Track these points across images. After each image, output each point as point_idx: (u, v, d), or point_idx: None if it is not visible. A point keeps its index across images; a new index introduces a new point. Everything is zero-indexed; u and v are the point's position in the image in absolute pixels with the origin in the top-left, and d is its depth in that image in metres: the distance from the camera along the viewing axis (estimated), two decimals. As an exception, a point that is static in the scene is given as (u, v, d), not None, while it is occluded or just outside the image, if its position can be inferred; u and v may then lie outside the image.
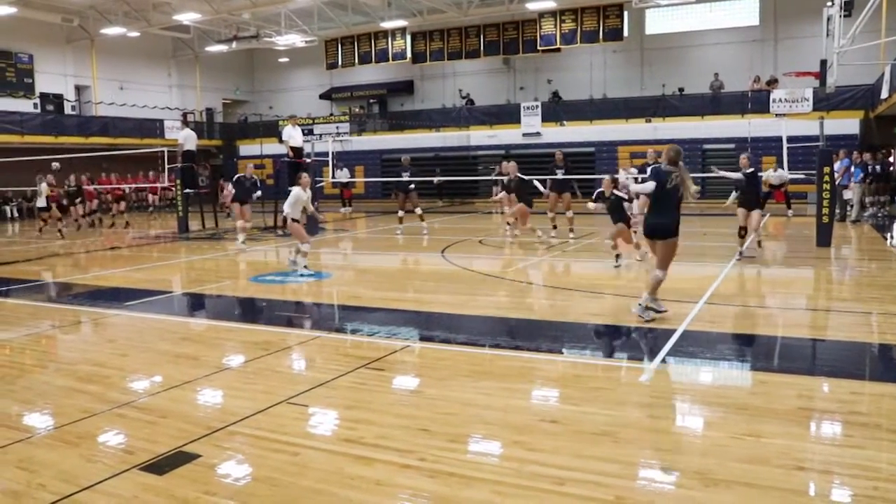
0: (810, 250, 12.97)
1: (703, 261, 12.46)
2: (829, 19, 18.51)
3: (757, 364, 6.24)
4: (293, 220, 11.45)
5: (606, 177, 11.86)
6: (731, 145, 26.21)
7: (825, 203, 13.20)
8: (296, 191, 11.67)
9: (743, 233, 11.75)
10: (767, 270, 11.33)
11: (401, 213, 17.78)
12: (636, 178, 19.00)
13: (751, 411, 4.80)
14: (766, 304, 8.84)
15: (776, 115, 24.01)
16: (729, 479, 3.77)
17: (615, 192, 11.34)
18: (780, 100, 24.99)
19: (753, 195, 11.95)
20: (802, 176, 18.96)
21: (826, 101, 24.07)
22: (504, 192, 15.90)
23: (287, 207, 11.58)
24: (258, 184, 16.56)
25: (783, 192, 19.92)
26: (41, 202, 19.63)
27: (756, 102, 26.21)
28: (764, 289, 9.94)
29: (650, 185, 7.44)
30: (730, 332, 7.16)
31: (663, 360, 6.10)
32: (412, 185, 17.57)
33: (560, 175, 15.33)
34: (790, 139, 17.78)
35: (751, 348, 6.72)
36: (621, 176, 19.88)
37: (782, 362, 6.36)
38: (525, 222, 14.50)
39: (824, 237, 13.16)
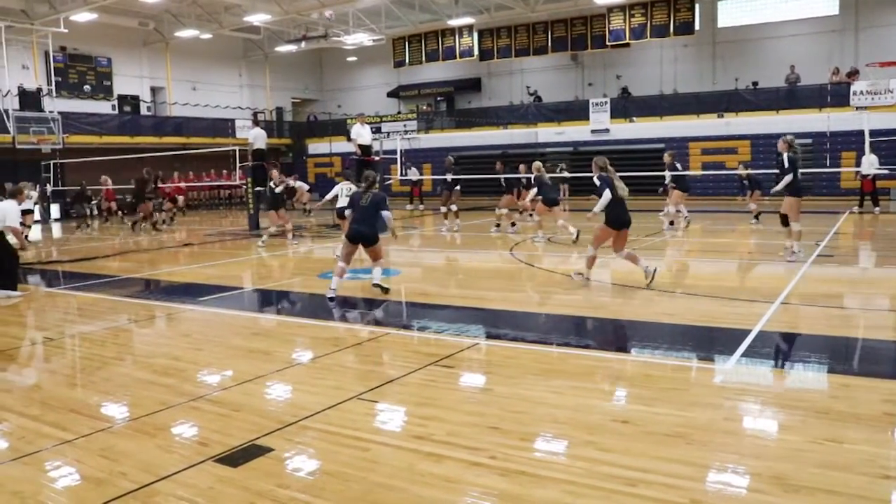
0: (893, 248, 12.47)
1: (779, 259, 12.11)
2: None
3: (838, 367, 6.02)
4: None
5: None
6: (808, 140, 25.40)
7: (909, 199, 12.68)
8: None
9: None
10: (848, 270, 10.95)
11: (443, 209, 18.80)
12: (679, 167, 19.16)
13: (832, 416, 4.62)
14: (847, 305, 8.52)
15: (857, 108, 23.14)
16: (810, 485, 3.64)
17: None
18: (862, 92, 24.06)
19: None
20: (886, 171, 18.26)
21: (912, 92, 23.11)
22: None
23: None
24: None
25: (872, 182, 19.23)
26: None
27: (835, 95, 25.28)
28: (844, 289, 9.59)
29: (608, 195, 9.15)
30: (808, 334, 6.93)
31: (738, 361, 5.93)
32: (457, 185, 18.97)
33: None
34: (873, 133, 17.15)
35: (831, 350, 6.48)
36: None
37: (865, 365, 6.11)
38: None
39: (908, 235, 12.65)
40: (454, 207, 18.43)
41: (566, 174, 26.48)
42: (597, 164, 9.49)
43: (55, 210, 27.07)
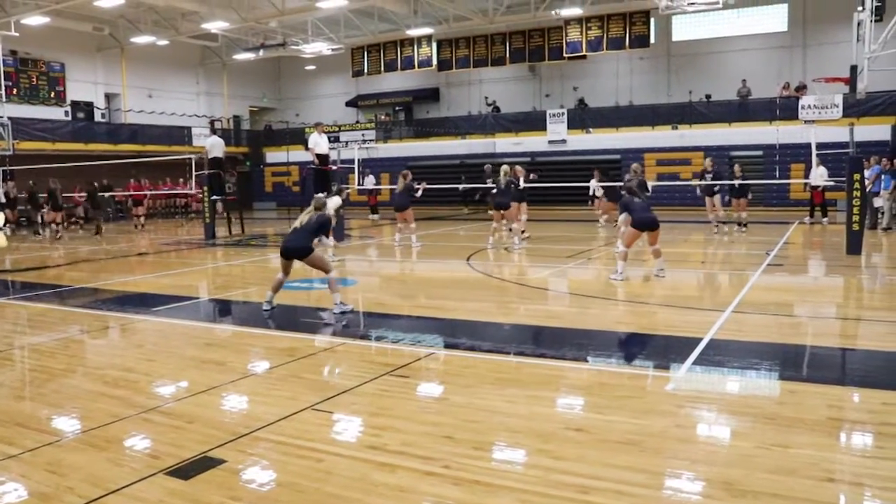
0: (840, 258, 12.80)
1: (730, 269, 12.35)
2: (859, 24, 18.31)
3: (785, 373, 6.15)
4: None
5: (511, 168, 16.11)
6: (759, 152, 25.98)
7: (855, 211, 13.02)
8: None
9: None
10: (797, 279, 11.21)
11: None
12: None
13: (779, 421, 4.73)
14: (795, 313, 8.73)
15: (805, 121, 23.74)
16: (757, 489, 3.72)
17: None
18: (810, 106, 24.71)
19: None
20: (832, 183, 18.75)
21: (856, 107, 23.79)
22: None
23: None
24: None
25: (821, 193, 19.74)
26: None
27: (784, 109, 25.93)
28: (792, 297, 9.82)
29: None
30: (757, 341, 7.07)
31: (690, 369, 6.03)
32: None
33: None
34: (819, 146, 17.55)
35: (779, 357, 6.62)
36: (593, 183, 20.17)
37: (812, 372, 6.27)
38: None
39: (855, 245, 12.99)
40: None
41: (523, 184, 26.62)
42: None
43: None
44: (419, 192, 16.93)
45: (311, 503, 3.72)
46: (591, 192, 20.83)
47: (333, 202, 8.94)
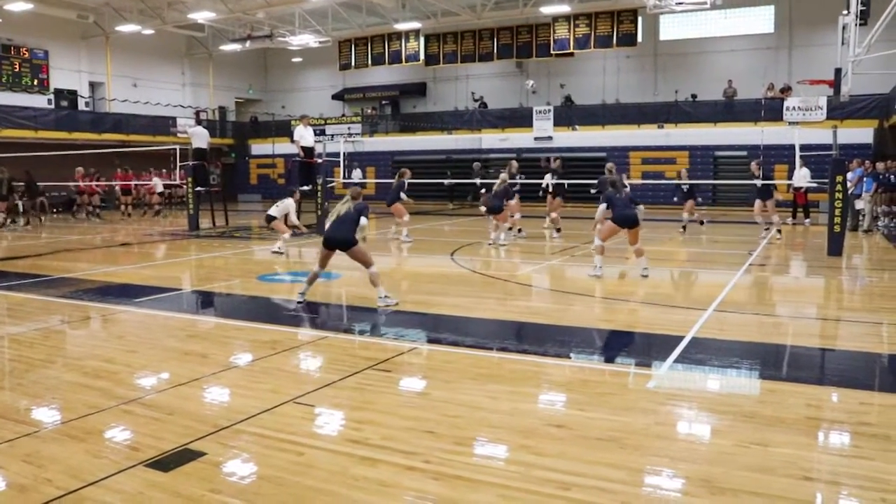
0: (821, 259, 12.91)
1: (712, 268, 12.42)
2: (844, 27, 18.43)
3: (765, 372, 6.19)
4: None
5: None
6: (744, 152, 26.13)
7: (837, 212, 13.12)
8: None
9: None
10: (778, 279, 11.29)
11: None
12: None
13: (758, 420, 4.77)
14: (776, 313, 8.79)
15: (789, 123, 23.91)
16: (735, 487, 3.74)
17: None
18: (794, 108, 24.89)
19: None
20: (815, 185, 18.90)
21: (840, 110, 23.96)
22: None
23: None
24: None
25: (804, 195, 19.90)
26: None
27: (769, 110, 26.09)
28: (774, 297, 9.90)
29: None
30: (738, 340, 7.12)
31: (671, 367, 6.07)
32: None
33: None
34: (803, 147, 17.69)
35: (759, 356, 6.67)
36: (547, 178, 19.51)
37: (791, 371, 6.32)
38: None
39: (836, 246, 13.09)
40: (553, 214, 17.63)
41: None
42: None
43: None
44: (403, 197, 16.80)
45: (292, 496, 3.71)
46: (543, 186, 19.17)
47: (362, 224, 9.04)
